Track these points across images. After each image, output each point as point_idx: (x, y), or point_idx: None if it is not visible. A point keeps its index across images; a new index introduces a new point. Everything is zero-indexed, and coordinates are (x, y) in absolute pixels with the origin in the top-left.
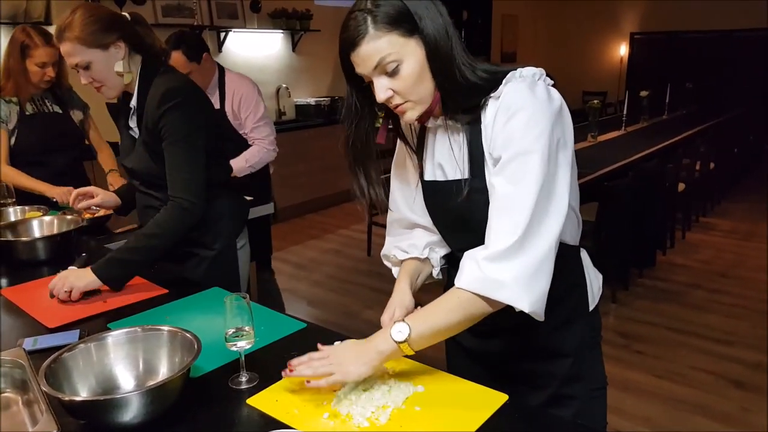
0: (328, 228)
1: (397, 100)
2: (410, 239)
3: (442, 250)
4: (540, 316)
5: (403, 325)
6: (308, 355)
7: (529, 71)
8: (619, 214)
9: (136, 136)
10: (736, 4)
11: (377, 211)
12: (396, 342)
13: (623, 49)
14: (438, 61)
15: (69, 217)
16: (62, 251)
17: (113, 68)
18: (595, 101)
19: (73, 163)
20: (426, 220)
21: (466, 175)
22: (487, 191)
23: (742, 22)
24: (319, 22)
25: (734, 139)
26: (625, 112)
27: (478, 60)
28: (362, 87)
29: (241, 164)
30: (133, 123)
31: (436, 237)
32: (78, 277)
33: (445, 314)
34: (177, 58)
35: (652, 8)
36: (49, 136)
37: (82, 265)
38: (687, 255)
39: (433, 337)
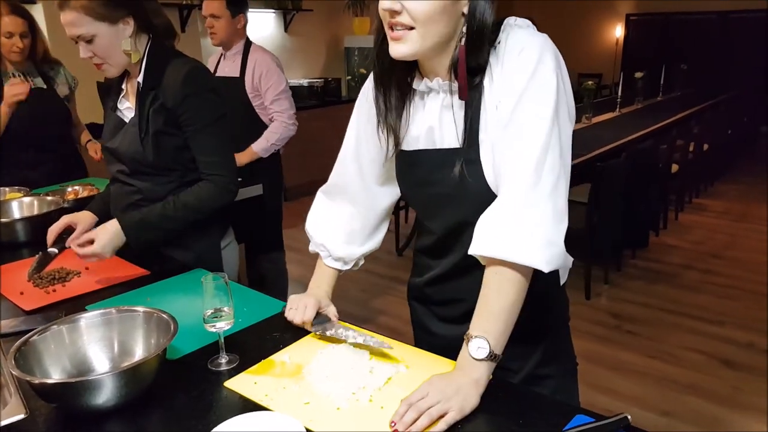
0: None
1: (405, 19)
2: (345, 242)
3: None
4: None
5: (478, 341)
6: (406, 402)
7: (522, 20)
8: (612, 194)
9: (126, 119)
10: None
11: None
12: (483, 359)
13: (619, 31)
14: (476, 15)
15: (50, 198)
16: (43, 233)
17: (118, 45)
18: (590, 82)
19: (59, 138)
20: (375, 194)
21: (461, 144)
22: (480, 163)
23: (737, 4)
24: (312, 2)
25: (728, 120)
26: (619, 93)
27: None
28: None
29: (263, 145)
30: (123, 105)
31: (366, 229)
32: (106, 243)
33: (502, 299)
34: (216, 2)
35: None
36: (33, 114)
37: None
38: (680, 236)
39: (507, 328)
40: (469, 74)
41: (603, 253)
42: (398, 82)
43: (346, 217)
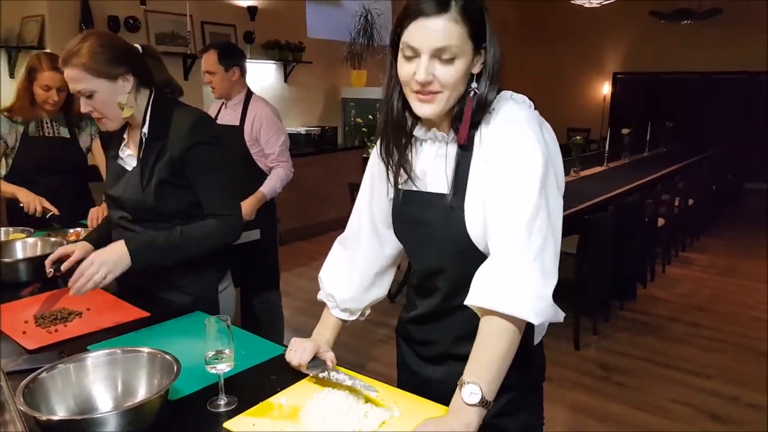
0: (316, 256)
1: (435, 87)
2: (353, 291)
3: (375, 294)
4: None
5: (470, 386)
6: None
7: (520, 96)
8: (600, 246)
9: (128, 167)
10: (713, 49)
11: None
12: (475, 405)
13: (606, 88)
14: (487, 76)
15: (53, 239)
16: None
17: (116, 100)
18: (578, 137)
19: (69, 184)
20: (386, 241)
21: (449, 191)
22: (463, 211)
23: (719, 66)
24: (311, 54)
25: (712, 176)
26: (607, 148)
27: None
28: (397, 83)
29: (273, 186)
30: (124, 153)
31: (375, 274)
32: (114, 263)
33: (495, 347)
34: (210, 59)
35: (634, 50)
36: (47, 159)
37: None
38: (667, 289)
39: (499, 376)
40: (472, 124)
41: (592, 304)
42: (404, 130)
43: (358, 264)
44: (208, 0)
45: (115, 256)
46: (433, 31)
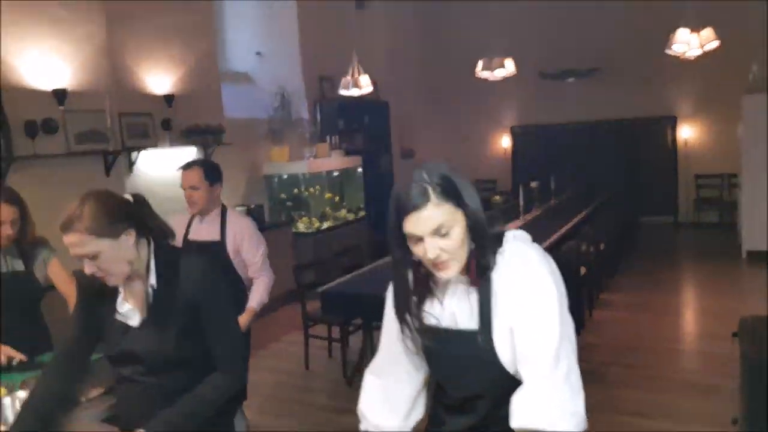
0: (259, 342)
1: (444, 257)
2: (396, 418)
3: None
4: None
5: None
6: None
7: (520, 233)
8: None
9: (131, 322)
10: (593, 99)
11: (312, 322)
12: None
13: (506, 141)
14: (477, 229)
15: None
16: None
17: (121, 257)
18: (497, 197)
19: (26, 321)
20: (419, 366)
21: (477, 327)
22: (492, 343)
23: (600, 115)
24: (230, 133)
25: (616, 217)
26: (521, 202)
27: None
28: (404, 244)
29: (261, 297)
30: (123, 308)
31: (414, 398)
32: None
33: None
34: (195, 175)
35: (527, 106)
36: (3, 296)
37: None
38: (597, 334)
39: None
40: (480, 269)
41: None
42: (421, 280)
43: (396, 392)
44: (124, 91)
45: None
46: (425, 219)
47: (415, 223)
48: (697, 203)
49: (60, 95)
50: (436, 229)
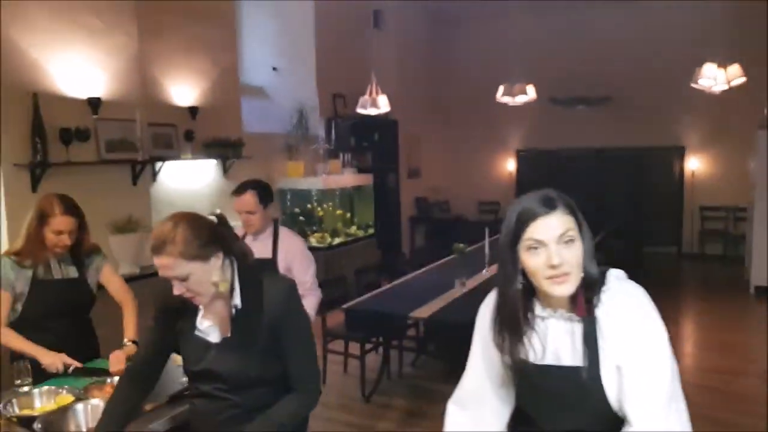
0: None
1: (565, 269)
2: None
3: None
4: None
5: None
6: None
7: (620, 272)
8: None
9: (211, 339)
10: (601, 127)
11: (331, 337)
12: None
13: (511, 164)
14: (588, 253)
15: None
16: None
17: (210, 278)
18: None
19: (78, 326)
20: (503, 399)
21: (582, 363)
22: (600, 380)
23: (607, 142)
24: (248, 148)
25: (623, 245)
26: None
27: None
28: (516, 260)
29: (310, 314)
30: (203, 325)
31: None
32: None
33: None
34: (249, 200)
35: (534, 130)
36: (57, 303)
37: None
38: None
39: None
40: (588, 303)
41: None
42: (523, 311)
43: (485, 424)
44: (152, 102)
45: None
46: (552, 224)
47: (542, 229)
48: (702, 235)
49: (94, 104)
50: (562, 234)
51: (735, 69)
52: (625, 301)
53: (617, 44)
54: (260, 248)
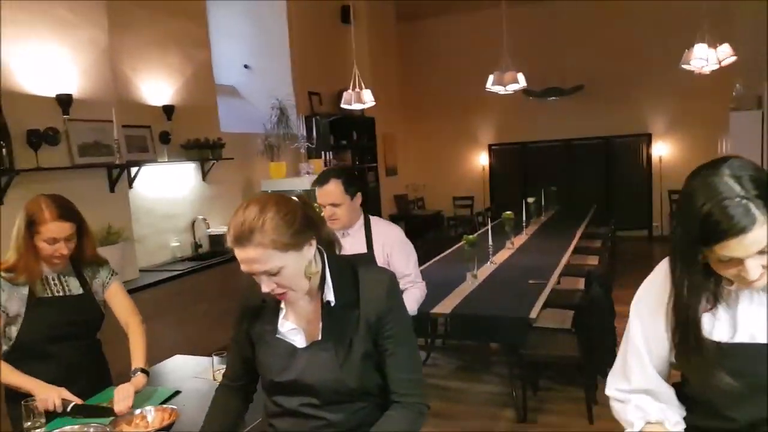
0: None
1: (765, 279)
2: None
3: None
4: None
5: None
6: None
7: None
8: (596, 319)
9: (297, 344)
10: (572, 117)
11: None
12: None
13: (484, 159)
14: None
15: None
16: None
17: (303, 270)
18: (508, 213)
19: (85, 351)
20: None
21: None
22: None
23: (579, 133)
24: (231, 150)
25: (605, 230)
26: (524, 218)
27: None
28: (697, 264)
29: (411, 311)
30: (285, 327)
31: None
32: None
33: None
34: (334, 190)
35: (504, 124)
36: (59, 324)
37: None
38: None
39: None
40: None
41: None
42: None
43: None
44: (124, 101)
45: None
46: (750, 242)
47: (737, 248)
48: (671, 218)
49: (64, 102)
50: (762, 250)
51: (726, 48)
52: None
53: (588, 33)
54: (352, 244)
